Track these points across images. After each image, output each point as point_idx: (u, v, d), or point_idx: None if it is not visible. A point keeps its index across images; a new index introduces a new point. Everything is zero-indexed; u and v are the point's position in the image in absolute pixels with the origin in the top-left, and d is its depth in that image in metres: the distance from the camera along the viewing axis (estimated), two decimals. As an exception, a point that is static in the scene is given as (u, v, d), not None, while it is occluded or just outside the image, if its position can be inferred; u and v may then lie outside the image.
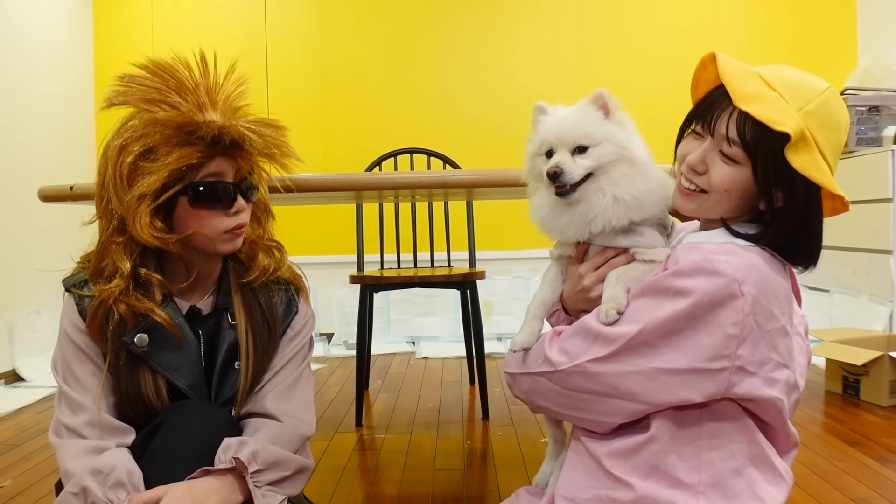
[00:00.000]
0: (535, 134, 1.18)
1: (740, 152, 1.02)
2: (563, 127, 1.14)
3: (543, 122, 1.17)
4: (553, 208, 1.15)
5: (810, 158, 0.99)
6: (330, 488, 1.87)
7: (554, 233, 1.18)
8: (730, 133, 1.02)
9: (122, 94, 1.16)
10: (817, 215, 1.05)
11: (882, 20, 4.00)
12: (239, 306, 1.22)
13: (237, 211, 1.18)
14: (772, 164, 1.00)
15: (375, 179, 1.72)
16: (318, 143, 4.19)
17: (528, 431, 2.33)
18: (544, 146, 1.15)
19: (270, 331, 1.23)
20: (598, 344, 1.04)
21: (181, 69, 1.17)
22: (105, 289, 1.11)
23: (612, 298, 1.06)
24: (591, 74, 4.19)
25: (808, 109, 1.00)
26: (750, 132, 1.00)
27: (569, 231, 1.15)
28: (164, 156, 1.09)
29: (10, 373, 3.34)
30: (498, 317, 4.12)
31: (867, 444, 2.13)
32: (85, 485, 1.03)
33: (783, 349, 1.02)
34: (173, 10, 4.20)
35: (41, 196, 1.66)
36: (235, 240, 1.20)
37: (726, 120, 1.02)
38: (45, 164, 3.62)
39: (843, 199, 1.05)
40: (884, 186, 3.23)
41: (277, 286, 1.28)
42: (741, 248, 1.02)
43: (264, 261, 1.26)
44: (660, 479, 1.02)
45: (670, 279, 1.01)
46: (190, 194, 1.13)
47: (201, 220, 1.14)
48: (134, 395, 1.14)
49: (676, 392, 1.00)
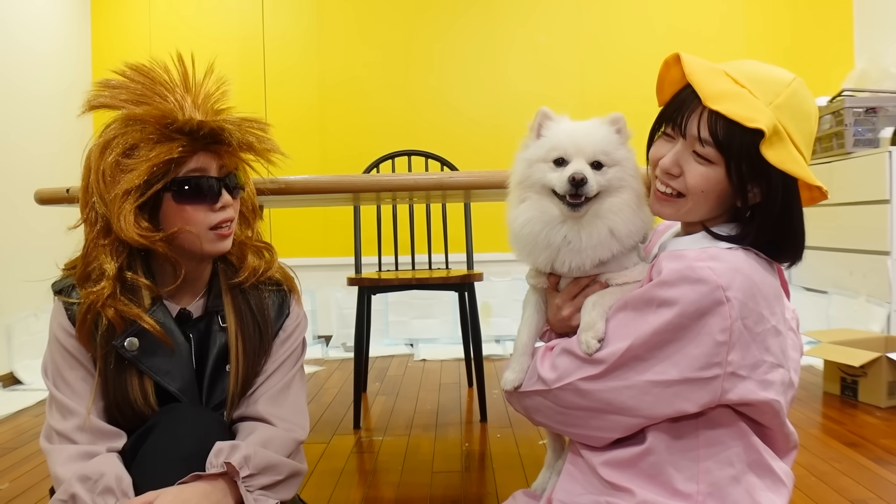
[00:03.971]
0: (542, 139, 1.11)
1: (714, 152, 1.01)
2: (585, 138, 1.08)
3: (555, 130, 1.11)
4: (549, 223, 1.09)
5: (785, 152, 0.99)
6: (328, 491, 1.87)
7: (537, 253, 1.11)
8: (702, 133, 1.01)
9: (102, 96, 1.16)
10: (797, 208, 1.05)
11: (879, 22, 4.01)
12: (229, 309, 1.22)
13: (222, 206, 1.17)
14: (746, 161, 0.99)
15: (373, 181, 1.72)
16: (315, 145, 4.19)
17: (526, 433, 2.33)
18: (554, 153, 1.08)
19: (261, 334, 1.22)
20: (588, 363, 1.04)
21: (158, 72, 1.17)
22: (92, 292, 1.11)
23: (590, 326, 1.05)
24: (588, 77, 4.19)
25: (778, 103, 0.99)
26: (722, 131, 0.99)
27: (555, 257, 1.09)
28: (145, 152, 1.09)
29: (7, 376, 3.33)
30: (496, 318, 4.11)
31: (865, 445, 2.12)
32: (74, 491, 1.03)
33: (776, 349, 1.01)
34: (170, 13, 4.20)
35: (37, 199, 1.65)
36: (223, 241, 1.18)
37: (697, 120, 1.02)
38: (41, 167, 3.62)
39: (820, 188, 1.05)
40: (881, 188, 3.23)
41: (269, 287, 1.27)
42: (725, 251, 1.02)
43: (254, 262, 1.24)
44: (658, 487, 1.02)
45: (654, 290, 1.00)
46: (174, 190, 1.13)
47: (186, 216, 1.14)
48: (122, 399, 1.14)
49: (671, 403, 0.99)
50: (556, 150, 1.08)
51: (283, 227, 4.03)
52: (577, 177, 1.03)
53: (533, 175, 1.10)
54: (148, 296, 1.15)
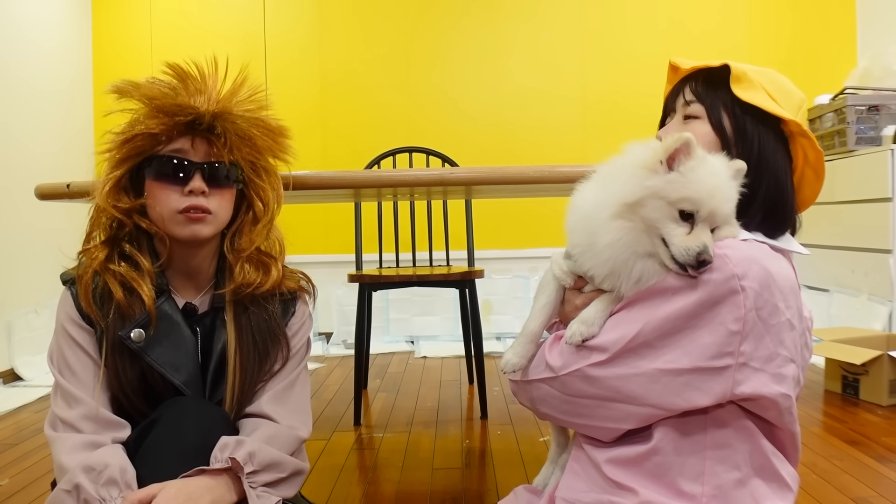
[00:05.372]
0: (676, 176, 0.98)
1: (697, 106, 1.13)
2: (723, 205, 0.99)
3: (696, 175, 0.98)
4: (636, 255, 1.01)
5: (753, 92, 1.09)
6: (328, 487, 1.87)
7: (601, 272, 1.05)
8: (686, 97, 1.15)
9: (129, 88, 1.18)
10: (781, 164, 1.11)
11: (881, 20, 4.00)
12: (230, 324, 1.20)
13: (192, 191, 1.16)
14: (723, 103, 1.11)
15: (374, 177, 1.71)
16: (317, 142, 4.19)
17: (526, 430, 2.33)
18: (686, 205, 0.97)
19: (260, 357, 1.21)
20: (596, 349, 1.03)
21: (193, 69, 1.20)
22: (89, 252, 1.16)
23: (586, 321, 1.04)
24: (590, 74, 4.19)
25: (756, 70, 1.12)
26: (701, 87, 1.14)
27: (616, 281, 1.04)
28: (134, 125, 1.15)
29: (8, 372, 3.33)
30: (497, 316, 4.11)
31: (867, 443, 2.12)
32: (77, 482, 1.03)
33: (790, 344, 1.00)
34: (172, 10, 4.19)
35: (38, 194, 1.65)
36: (192, 224, 1.16)
37: (682, 93, 1.16)
38: (43, 164, 3.62)
39: (802, 129, 1.10)
40: (883, 186, 3.22)
41: (275, 298, 1.25)
42: (739, 241, 1.02)
43: (250, 275, 1.21)
44: (662, 488, 1.00)
45: (668, 278, 0.99)
46: (149, 167, 1.16)
47: (156, 194, 1.16)
48: (125, 391, 1.14)
49: (681, 393, 0.97)
50: (689, 203, 0.97)
51: (284, 224, 4.00)
52: (708, 259, 0.95)
53: (649, 210, 0.99)
54: (148, 277, 1.16)
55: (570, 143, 4.16)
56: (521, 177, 1.58)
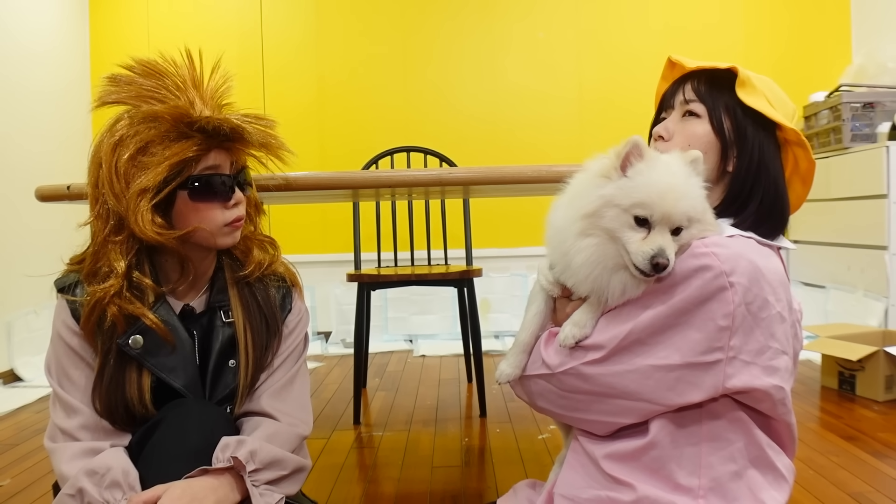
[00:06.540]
0: (627, 182, 0.98)
1: (698, 104, 1.13)
2: (676, 204, 0.96)
3: (645, 179, 0.97)
4: (609, 269, 1.01)
5: (756, 97, 1.10)
6: (328, 486, 1.88)
7: (584, 287, 1.05)
8: (687, 95, 1.15)
9: (114, 92, 1.15)
10: (780, 170, 1.13)
11: (876, 17, 4.01)
12: (236, 302, 1.22)
13: (235, 203, 1.18)
14: (723, 105, 1.11)
15: (372, 177, 1.72)
16: (314, 142, 4.19)
17: (525, 428, 2.34)
18: (639, 210, 0.97)
19: (268, 325, 1.23)
20: (591, 347, 1.04)
21: (169, 66, 1.17)
22: (100, 289, 1.10)
23: (578, 323, 1.05)
24: (586, 73, 4.19)
25: (755, 77, 1.12)
26: (703, 86, 1.14)
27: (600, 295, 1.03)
28: (161, 150, 1.09)
29: (8, 373, 3.34)
30: (495, 314, 4.12)
31: (863, 439, 2.14)
32: (81, 486, 1.03)
33: (781, 336, 1.01)
34: (169, 10, 4.19)
35: (38, 196, 1.65)
36: (235, 232, 1.20)
37: (682, 90, 1.16)
38: (40, 164, 3.62)
39: (800, 138, 1.11)
40: (878, 182, 3.24)
41: (273, 281, 1.28)
42: (728, 238, 1.03)
43: (259, 255, 1.25)
44: (659, 482, 1.02)
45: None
46: (189, 188, 1.13)
47: (201, 213, 1.14)
48: (118, 399, 1.12)
49: (674, 388, 0.99)
50: (641, 208, 0.97)
51: (283, 224, 4.03)
52: (663, 263, 0.95)
53: (607, 220, 0.99)
54: (152, 294, 1.15)
55: (567, 142, 4.16)
56: (518, 176, 1.58)
